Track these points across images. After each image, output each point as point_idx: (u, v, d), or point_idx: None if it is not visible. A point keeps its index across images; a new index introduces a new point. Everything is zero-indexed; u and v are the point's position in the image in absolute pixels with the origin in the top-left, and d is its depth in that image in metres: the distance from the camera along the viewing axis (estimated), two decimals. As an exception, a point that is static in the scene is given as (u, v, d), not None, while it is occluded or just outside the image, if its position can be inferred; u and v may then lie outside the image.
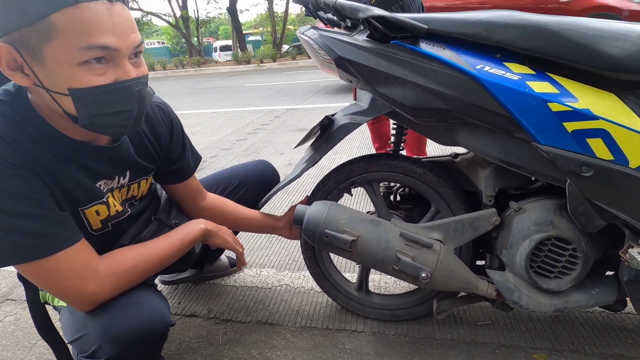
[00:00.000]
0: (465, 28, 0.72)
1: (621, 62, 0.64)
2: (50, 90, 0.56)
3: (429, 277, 0.79)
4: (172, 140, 0.88)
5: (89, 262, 0.66)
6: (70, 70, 0.54)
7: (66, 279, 0.63)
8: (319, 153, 0.91)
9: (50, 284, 0.64)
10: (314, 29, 0.88)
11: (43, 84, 0.56)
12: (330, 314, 1.12)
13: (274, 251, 1.51)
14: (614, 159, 0.66)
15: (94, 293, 0.66)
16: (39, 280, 0.65)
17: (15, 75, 0.56)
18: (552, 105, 0.66)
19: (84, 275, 0.65)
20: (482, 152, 0.77)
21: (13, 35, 0.53)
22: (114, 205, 0.77)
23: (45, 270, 0.62)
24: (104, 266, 0.68)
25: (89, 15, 0.52)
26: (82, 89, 0.56)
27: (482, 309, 1.09)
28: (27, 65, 0.55)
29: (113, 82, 0.57)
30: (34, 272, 0.62)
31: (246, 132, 3.63)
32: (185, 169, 0.94)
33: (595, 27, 0.66)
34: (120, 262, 0.70)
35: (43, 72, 0.55)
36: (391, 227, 0.85)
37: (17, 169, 0.58)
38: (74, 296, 0.65)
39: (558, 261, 0.78)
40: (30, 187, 0.59)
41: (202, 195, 1.01)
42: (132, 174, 0.80)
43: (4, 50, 0.54)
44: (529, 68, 0.70)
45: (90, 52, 0.54)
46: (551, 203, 0.79)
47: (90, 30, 0.53)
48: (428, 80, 0.73)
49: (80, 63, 0.54)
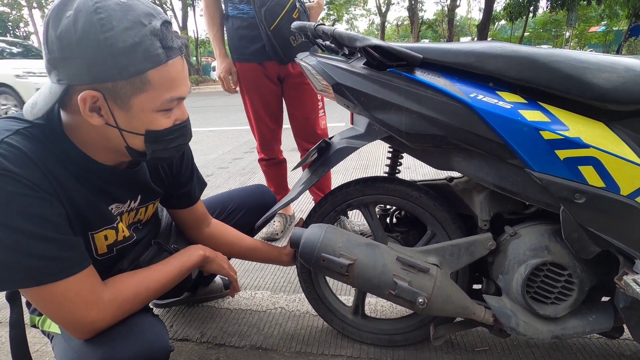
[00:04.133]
0: (458, 58, 0.75)
1: (609, 93, 0.66)
2: (124, 130, 0.63)
3: (425, 302, 0.78)
4: (182, 165, 0.90)
5: (94, 289, 0.65)
6: (152, 115, 0.62)
7: (71, 304, 0.62)
8: (315, 175, 0.92)
9: (54, 309, 0.63)
10: (312, 56, 0.91)
11: (118, 124, 0.62)
12: (325, 338, 1.10)
13: (269, 272, 1.49)
14: (606, 186, 0.68)
15: (95, 321, 0.65)
16: (43, 305, 0.63)
17: (92, 116, 0.60)
18: (544, 133, 0.68)
19: (89, 302, 0.64)
20: (477, 177, 0.79)
21: (105, 85, 0.57)
22: (122, 230, 0.77)
23: (51, 295, 0.61)
24: (107, 293, 0.67)
25: (173, 71, 0.61)
26: (156, 130, 0.64)
27: (480, 334, 1.08)
28: (107, 109, 0.60)
29: (175, 123, 0.66)
30: (40, 295, 0.61)
31: (242, 151, 3.64)
32: (192, 194, 0.95)
33: (582, 59, 0.69)
34: (122, 289, 0.69)
35: (123, 116, 0.61)
36: (388, 251, 0.85)
37: (42, 191, 0.59)
38: (75, 323, 0.64)
39: (554, 287, 0.78)
40: (51, 210, 0.60)
41: (207, 221, 1.01)
42: (142, 197, 0.81)
43: (90, 96, 0.58)
44: (521, 97, 0.72)
45: (171, 103, 0.63)
46: (546, 228, 0.80)
47: (175, 84, 0.62)
48: (423, 107, 0.75)
49: (160, 110, 0.62)
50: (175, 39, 0.61)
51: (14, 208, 0.56)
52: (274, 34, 1.37)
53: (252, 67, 1.51)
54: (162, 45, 0.58)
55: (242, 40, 1.47)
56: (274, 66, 1.50)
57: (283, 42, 1.39)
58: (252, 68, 1.52)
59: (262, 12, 1.34)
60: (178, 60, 0.62)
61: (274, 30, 1.36)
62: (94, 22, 0.53)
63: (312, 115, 1.60)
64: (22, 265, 0.58)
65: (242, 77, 1.56)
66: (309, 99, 1.58)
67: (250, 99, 1.60)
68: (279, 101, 1.62)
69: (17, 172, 0.56)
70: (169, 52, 0.59)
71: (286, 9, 1.35)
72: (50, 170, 0.61)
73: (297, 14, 1.38)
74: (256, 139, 1.73)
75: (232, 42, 1.51)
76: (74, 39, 0.54)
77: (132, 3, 0.57)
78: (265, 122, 1.64)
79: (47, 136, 0.63)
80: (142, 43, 0.56)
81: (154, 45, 0.57)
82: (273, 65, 1.50)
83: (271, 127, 1.66)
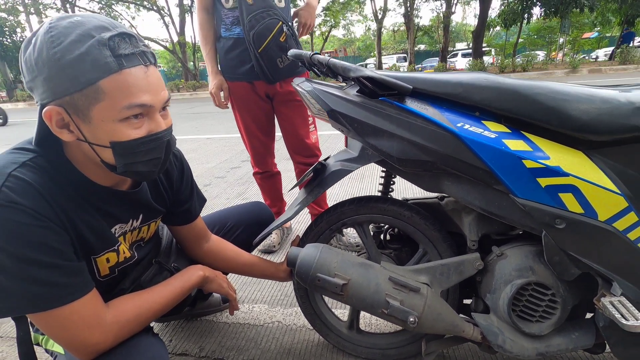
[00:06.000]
0: (446, 88, 0.79)
1: (587, 125, 0.70)
2: (92, 143, 0.63)
3: (416, 321, 0.82)
4: (182, 183, 0.93)
5: (97, 312, 0.67)
6: (113, 126, 0.61)
7: (75, 327, 0.65)
8: (311, 196, 0.95)
9: (58, 332, 0.65)
10: (308, 82, 0.95)
11: (86, 138, 0.63)
12: (321, 352, 1.13)
13: (266, 286, 1.52)
14: (584, 212, 0.72)
15: (98, 343, 0.67)
16: (47, 328, 0.66)
17: (62, 132, 0.62)
18: (527, 162, 0.72)
19: (92, 324, 0.66)
20: (465, 200, 0.82)
21: (64, 99, 0.59)
22: (123, 252, 0.80)
23: (55, 319, 0.63)
24: (110, 315, 0.69)
25: (130, 78, 0.60)
26: (121, 141, 0.63)
27: (471, 348, 1.11)
28: (73, 124, 0.62)
29: (147, 134, 0.65)
30: (45, 319, 0.64)
31: (240, 159, 3.67)
32: (192, 211, 0.98)
33: (562, 91, 0.73)
34: (124, 311, 0.72)
35: (88, 129, 0.62)
36: (381, 270, 0.88)
37: (47, 220, 0.61)
38: (79, 345, 0.66)
39: (539, 306, 0.82)
40: (55, 237, 0.62)
41: (207, 237, 1.04)
42: (144, 216, 0.84)
43: (54, 111, 0.60)
44: (506, 126, 0.76)
45: (130, 110, 0.61)
46: (530, 249, 0.84)
47: (131, 92, 0.60)
48: (413, 134, 0.79)
49: (121, 119, 0.61)
50: (134, 48, 0.60)
51: (19, 237, 0.58)
52: (261, 56, 1.44)
53: (243, 85, 1.58)
54: (112, 54, 0.58)
55: (233, 60, 1.54)
56: (263, 85, 1.56)
57: (270, 64, 1.46)
58: (242, 87, 1.58)
59: (251, 35, 1.41)
60: (138, 69, 0.61)
61: (262, 52, 1.43)
62: (45, 41, 0.57)
63: (302, 130, 1.67)
64: (28, 292, 0.60)
65: (233, 95, 1.63)
66: (298, 115, 1.65)
67: (241, 115, 1.67)
68: (269, 117, 1.69)
69: (23, 203, 0.59)
70: (123, 60, 0.59)
71: (273, 33, 1.42)
72: (56, 199, 0.64)
73: (284, 37, 1.44)
74: (249, 154, 1.78)
75: (224, 62, 1.58)
76: (33, 60, 0.57)
77: (84, 20, 0.59)
78: (257, 136, 1.70)
79: (51, 163, 0.66)
80: (89, 53, 0.57)
81: (102, 54, 0.57)
82: (262, 85, 1.56)
83: (263, 141, 1.72)
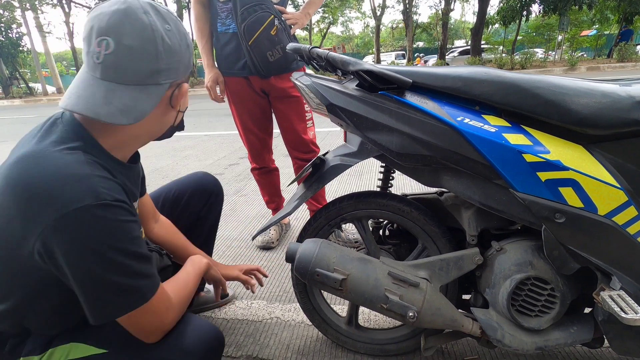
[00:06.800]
0: (446, 82, 0.78)
1: (587, 119, 0.70)
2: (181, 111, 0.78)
3: (416, 316, 0.81)
4: None
5: (167, 295, 0.71)
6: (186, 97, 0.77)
7: (160, 313, 0.68)
8: (310, 191, 0.95)
9: (150, 319, 0.67)
10: (306, 76, 0.94)
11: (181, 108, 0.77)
12: (320, 348, 1.13)
13: (265, 282, 1.52)
14: (584, 207, 0.71)
15: (171, 323, 0.71)
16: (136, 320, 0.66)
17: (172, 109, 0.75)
18: (527, 156, 0.72)
19: (168, 307, 0.70)
20: (465, 195, 0.82)
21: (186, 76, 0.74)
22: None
23: (151, 307, 0.66)
24: (173, 295, 0.73)
25: None
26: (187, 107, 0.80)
27: (470, 343, 1.11)
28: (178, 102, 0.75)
29: None
30: (143, 310, 0.65)
31: (238, 156, 3.66)
32: None
33: (563, 85, 0.72)
34: (177, 292, 0.76)
35: (183, 101, 0.76)
36: (380, 265, 0.88)
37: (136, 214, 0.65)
38: (160, 328, 0.70)
39: (538, 300, 0.82)
40: (139, 230, 0.66)
41: (156, 217, 1.05)
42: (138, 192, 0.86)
43: (185, 87, 0.74)
44: (506, 120, 0.76)
45: None
46: (530, 244, 0.84)
47: None
48: (413, 129, 0.79)
49: None
50: None
51: (125, 234, 0.61)
52: (252, 48, 1.43)
53: (239, 81, 1.57)
54: None
55: (229, 57, 1.53)
56: (258, 80, 1.55)
57: (260, 57, 1.45)
58: (238, 82, 1.57)
59: (242, 27, 1.40)
60: None
61: (252, 44, 1.42)
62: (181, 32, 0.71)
63: (299, 126, 1.66)
64: (134, 287, 0.63)
65: (229, 91, 1.62)
66: (295, 111, 1.63)
67: (237, 111, 1.65)
68: (266, 113, 1.67)
69: (123, 200, 0.62)
70: None
71: (264, 26, 1.41)
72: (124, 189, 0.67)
73: (275, 31, 1.43)
74: (247, 149, 1.77)
75: (220, 57, 1.57)
76: (177, 45, 0.68)
77: None
78: (254, 132, 1.69)
79: (95, 154, 0.66)
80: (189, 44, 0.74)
81: None
82: (257, 80, 1.55)
83: (260, 136, 1.71)
